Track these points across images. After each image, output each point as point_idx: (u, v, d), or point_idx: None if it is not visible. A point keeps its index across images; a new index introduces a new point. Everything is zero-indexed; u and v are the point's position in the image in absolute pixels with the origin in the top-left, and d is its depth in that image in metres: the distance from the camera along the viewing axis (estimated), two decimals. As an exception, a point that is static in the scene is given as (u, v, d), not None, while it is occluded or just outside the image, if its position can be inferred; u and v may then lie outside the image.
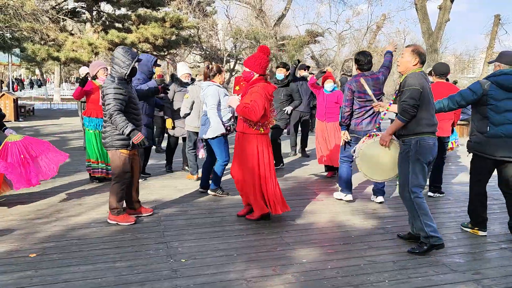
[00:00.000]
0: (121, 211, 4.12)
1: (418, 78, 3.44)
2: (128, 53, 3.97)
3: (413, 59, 3.53)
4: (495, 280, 3.11)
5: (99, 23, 18.70)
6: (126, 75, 3.98)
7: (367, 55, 4.86)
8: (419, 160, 3.48)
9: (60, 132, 11.40)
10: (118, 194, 4.06)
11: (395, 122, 3.55)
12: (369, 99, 4.71)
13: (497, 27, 23.79)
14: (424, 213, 3.49)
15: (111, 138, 4.00)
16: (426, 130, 3.47)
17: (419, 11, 18.52)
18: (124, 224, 4.07)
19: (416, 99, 3.39)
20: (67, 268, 3.16)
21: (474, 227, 4.13)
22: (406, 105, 3.40)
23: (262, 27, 24.25)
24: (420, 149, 3.46)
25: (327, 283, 3.01)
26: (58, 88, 27.13)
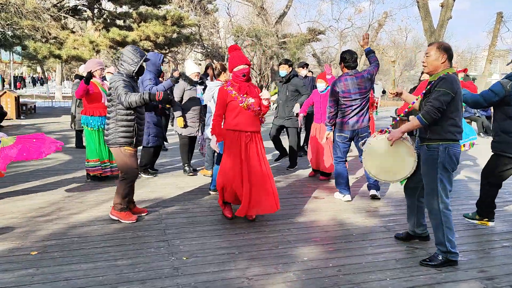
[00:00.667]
0: (125, 208, 4.11)
1: (453, 82, 3.16)
2: (137, 51, 4.04)
3: (440, 56, 3.24)
4: (498, 278, 3.10)
5: (100, 20, 18.67)
6: (134, 72, 4.04)
7: (353, 53, 4.90)
8: (447, 169, 3.25)
9: (61, 130, 11.40)
10: (124, 191, 4.07)
11: (412, 122, 3.29)
12: (354, 98, 4.78)
13: (499, 24, 23.70)
14: (449, 227, 3.27)
15: (114, 135, 4.00)
16: (455, 138, 3.23)
17: (421, 8, 18.47)
18: (125, 221, 4.08)
19: (443, 103, 3.12)
20: (68, 266, 3.16)
21: (483, 218, 4.19)
22: (431, 107, 3.14)
23: (264, 25, 24.20)
24: (449, 157, 3.23)
25: (328, 281, 3.00)
26: (59, 86, 27.13)
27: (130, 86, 4.00)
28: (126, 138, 4.01)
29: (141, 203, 4.71)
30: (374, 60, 4.92)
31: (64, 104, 21.13)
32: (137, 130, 4.08)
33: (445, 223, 3.26)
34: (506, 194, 5.55)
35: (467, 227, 4.24)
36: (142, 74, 4.24)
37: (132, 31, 17.57)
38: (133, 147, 4.08)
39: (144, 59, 4.07)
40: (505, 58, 33.23)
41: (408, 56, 38.75)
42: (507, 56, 29.12)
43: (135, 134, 4.06)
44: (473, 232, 4.09)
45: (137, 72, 4.08)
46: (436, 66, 3.27)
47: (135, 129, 4.05)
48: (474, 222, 4.28)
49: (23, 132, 10.36)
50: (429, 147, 3.27)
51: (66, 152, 8.00)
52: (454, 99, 3.16)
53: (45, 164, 6.80)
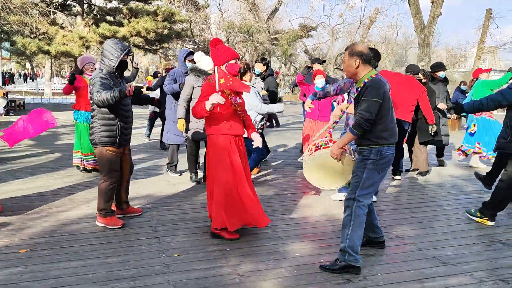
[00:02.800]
0: (109, 212, 3.89)
1: (379, 87, 3.01)
2: (117, 45, 3.77)
3: (353, 60, 3.07)
4: (487, 272, 3.14)
5: (90, 16, 18.50)
6: (114, 67, 3.77)
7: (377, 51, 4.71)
8: (377, 169, 3.11)
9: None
10: (106, 194, 3.85)
11: (347, 135, 3.15)
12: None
13: (488, 21, 23.89)
14: (358, 227, 3.09)
15: (97, 135, 3.79)
16: (387, 142, 3.09)
17: (412, 5, 18.56)
18: (111, 227, 3.85)
19: (373, 113, 2.98)
20: (58, 264, 3.13)
21: (484, 217, 4.22)
22: (361, 119, 3.00)
23: (255, 21, 24.15)
24: (381, 159, 3.09)
25: (320, 277, 3.01)
26: (49, 82, 26.86)
27: (108, 84, 3.70)
28: (109, 137, 3.78)
29: (132, 200, 4.68)
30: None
31: (54, 101, 20.91)
32: (121, 129, 3.83)
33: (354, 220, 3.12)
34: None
35: (456, 222, 4.29)
36: (125, 70, 3.94)
37: (123, 26, 17.45)
38: (116, 147, 3.84)
39: (126, 53, 3.80)
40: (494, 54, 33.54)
41: (399, 53, 38.94)
42: (496, 52, 29.41)
43: (119, 134, 3.82)
44: (462, 227, 4.14)
45: (118, 67, 3.80)
46: (353, 72, 3.11)
47: (118, 128, 3.81)
48: (474, 218, 4.30)
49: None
50: (361, 152, 3.16)
51: (55, 149, 7.92)
52: (382, 105, 3.01)
53: (34, 161, 6.73)
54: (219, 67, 3.67)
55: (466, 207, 4.77)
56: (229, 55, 3.64)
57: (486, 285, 2.95)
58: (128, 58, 3.94)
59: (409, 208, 4.73)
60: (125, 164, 4.09)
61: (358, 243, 3.08)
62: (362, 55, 3.06)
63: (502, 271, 3.17)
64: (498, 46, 27.91)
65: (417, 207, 4.78)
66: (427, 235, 3.90)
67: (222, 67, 3.66)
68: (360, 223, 3.09)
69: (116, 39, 3.90)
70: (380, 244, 3.53)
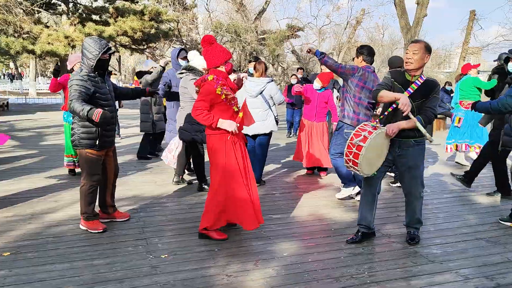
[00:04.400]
0: (91, 216, 3.78)
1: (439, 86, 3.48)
2: (96, 43, 3.60)
3: (426, 58, 3.38)
4: (471, 270, 3.18)
5: (76, 15, 18.24)
6: (92, 67, 3.61)
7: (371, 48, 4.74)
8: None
9: (36, 127, 11.12)
10: (86, 198, 3.75)
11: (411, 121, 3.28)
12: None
13: (472, 22, 24.26)
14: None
15: (77, 136, 3.68)
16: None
17: (398, 6, 18.76)
18: (92, 231, 3.75)
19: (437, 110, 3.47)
20: (43, 266, 3.08)
21: None
22: (432, 114, 3.37)
23: (243, 21, 24.14)
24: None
25: (307, 276, 3.03)
26: (33, 82, 26.45)
27: (85, 89, 3.53)
28: (88, 140, 3.66)
29: (118, 201, 4.63)
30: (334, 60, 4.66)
31: (39, 101, 20.61)
32: (101, 131, 3.69)
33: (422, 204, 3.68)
34: (479, 187, 5.71)
35: (442, 220, 4.34)
36: (106, 69, 3.75)
37: (109, 26, 17.24)
38: (96, 149, 3.71)
39: (104, 51, 3.61)
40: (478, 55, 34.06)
41: (385, 53, 39.30)
42: (479, 53, 29.88)
43: (99, 136, 3.68)
44: (447, 225, 4.19)
45: (97, 67, 3.63)
46: (420, 66, 3.36)
47: (98, 130, 3.66)
48: (508, 224, 4.18)
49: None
50: (418, 142, 3.49)
51: (41, 150, 7.81)
52: None
53: (19, 163, 6.62)
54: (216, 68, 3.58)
55: (452, 206, 4.85)
56: (223, 56, 3.55)
57: (471, 282, 2.99)
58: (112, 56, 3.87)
59: (395, 207, 4.78)
60: (109, 167, 3.96)
61: None
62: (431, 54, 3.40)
63: (486, 268, 3.22)
64: (482, 47, 28.37)
65: (403, 206, 4.80)
66: (413, 233, 3.94)
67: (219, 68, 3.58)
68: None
69: (95, 37, 3.73)
70: (372, 234, 3.79)
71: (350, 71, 4.50)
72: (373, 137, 3.29)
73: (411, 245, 3.61)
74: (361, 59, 4.63)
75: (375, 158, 3.44)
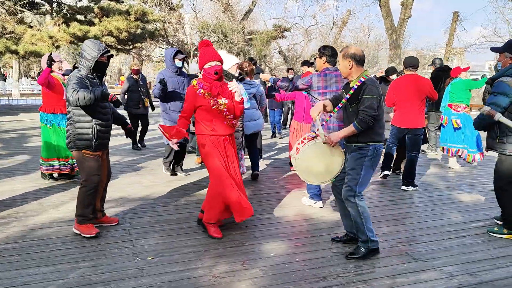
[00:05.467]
0: (86, 219, 3.70)
1: (376, 85, 3.27)
2: (95, 45, 3.62)
3: (347, 63, 3.32)
4: (455, 267, 3.23)
5: (60, 15, 18.02)
6: (91, 68, 3.62)
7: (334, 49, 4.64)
8: (371, 166, 3.36)
9: (19, 128, 10.93)
10: (84, 200, 3.68)
11: (349, 128, 3.29)
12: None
13: (455, 23, 24.65)
14: (367, 217, 3.38)
15: (73, 138, 3.64)
16: (380, 139, 3.37)
17: (383, 7, 18.97)
18: (85, 235, 3.65)
19: (376, 109, 3.22)
20: (27, 270, 3.03)
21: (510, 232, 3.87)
22: (367, 115, 3.19)
23: (230, 21, 24.11)
24: (376, 156, 3.35)
25: (295, 276, 3.04)
26: (16, 83, 26.00)
27: (85, 85, 3.55)
28: (85, 140, 3.62)
29: (105, 203, 4.58)
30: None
31: (22, 102, 20.27)
32: (97, 132, 3.65)
33: (363, 213, 3.36)
34: (463, 186, 5.80)
35: (427, 218, 4.40)
36: (103, 71, 3.77)
37: (94, 26, 17.06)
38: (92, 150, 3.67)
39: (103, 54, 3.63)
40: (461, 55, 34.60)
41: (371, 54, 39.66)
42: (463, 53, 30.36)
43: (95, 137, 3.64)
44: (432, 224, 4.25)
45: (95, 69, 3.65)
46: (347, 73, 3.35)
47: (94, 131, 3.63)
48: (502, 236, 3.89)
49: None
50: (359, 147, 3.33)
51: (24, 151, 7.68)
52: (380, 102, 3.28)
53: (2, 165, 6.50)
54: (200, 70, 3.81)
55: (436, 204, 4.91)
56: (207, 58, 3.72)
57: (455, 279, 3.04)
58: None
59: (382, 206, 4.83)
60: (102, 170, 3.88)
61: (373, 229, 3.45)
62: (355, 57, 3.31)
63: (470, 265, 3.28)
64: (465, 47, 28.85)
65: (389, 205, 4.88)
66: (399, 232, 3.99)
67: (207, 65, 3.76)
68: (368, 213, 3.41)
69: (95, 40, 3.75)
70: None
71: (306, 85, 4.44)
72: (305, 149, 3.43)
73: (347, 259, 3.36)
74: (324, 60, 4.50)
75: (320, 166, 3.46)
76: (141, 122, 8.32)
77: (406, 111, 5.53)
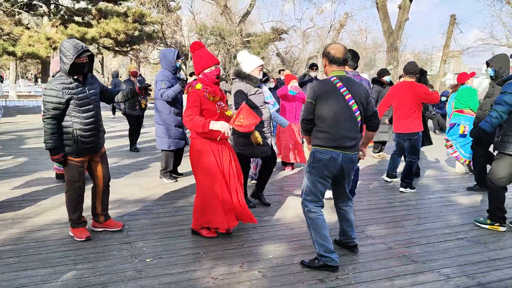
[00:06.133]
0: (76, 224, 3.66)
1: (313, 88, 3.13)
2: (71, 46, 3.35)
3: (323, 61, 3.23)
4: (453, 269, 3.25)
5: (58, 17, 18.00)
6: (67, 71, 3.38)
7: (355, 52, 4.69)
8: (312, 172, 3.17)
9: (16, 130, 10.90)
10: (69, 205, 3.64)
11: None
12: None
13: (452, 26, 24.79)
14: (316, 229, 3.16)
15: None
16: (321, 144, 3.12)
17: (380, 10, 19.04)
18: (77, 239, 3.63)
19: (308, 112, 3.13)
20: (25, 272, 3.03)
21: (494, 223, 4.17)
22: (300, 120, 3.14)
23: (227, 24, 24.11)
24: (315, 162, 3.15)
25: (293, 278, 3.04)
26: (13, 84, 25.94)
27: (54, 102, 3.38)
28: (66, 146, 3.50)
29: (103, 205, 4.58)
30: None
31: (19, 104, 20.22)
32: (77, 137, 3.48)
33: (311, 224, 3.19)
34: (460, 188, 5.83)
35: (424, 221, 4.41)
36: (85, 73, 3.52)
37: (92, 27, 17.06)
38: (74, 156, 3.53)
39: (79, 54, 3.35)
40: (458, 58, 34.75)
41: (368, 56, 39.80)
42: (460, 56, 30.50)
43: (76, 142, 3.48)
44: (430, 226, 4.27)
45: (72, 72, 3.40)
46: (324, 71, 3.27)
47: (75, 136, 3.47)
48: (485, 227, 4.21)
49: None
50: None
51: (22, 153, 7.66)
52: (317, 106, 3.09)
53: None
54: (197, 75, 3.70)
55: (434, 206, 4.93)
56: (206, 62, 3.64)
57: (452, 281, 3.05)
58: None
59: (379, 208, 4.84)
60: (97, 174, 3.76)
61: (327, 243, 3.13)
62: (329, 55, 3.15)
63: (467, 267, 3.29)
64: (462, 50, 29.00)
65: (387, 207, 4.89)
66: (397, 234, 4.00)
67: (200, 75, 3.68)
68: (317, 225, 3.16)
69: (73, 40, 3.46)
70: (350, 248, 3.52)
71: None
72: None
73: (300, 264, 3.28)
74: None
75: None
76: (137, 123, 8.32)
77: (402, 117, 5.58)
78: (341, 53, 3.14)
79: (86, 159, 3.65)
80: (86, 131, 3.52)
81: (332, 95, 3.08)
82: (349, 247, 3.52)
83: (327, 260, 3.13)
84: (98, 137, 3.66)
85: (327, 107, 3.07)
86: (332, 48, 3.17)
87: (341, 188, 3.31)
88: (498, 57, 5.13)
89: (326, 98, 3.08)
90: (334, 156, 3.09)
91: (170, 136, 5.59)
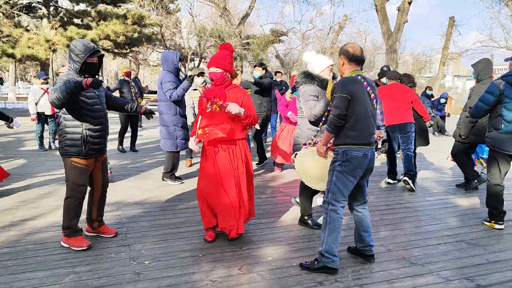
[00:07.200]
0: (74, 232, 3.50)
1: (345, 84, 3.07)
2: (82, 46, 3.38)
3: (340, 60, 3.20)
4: (452, 272, 3.24)
5: (57, 19, 17.99)
6: (77, 70, 3.40)
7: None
8: (343, 171, 3.11)
9: (15, 132, 10.88)
10: (69, 211, 3.47)
11: (325, 133, 3.23)
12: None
13: (451, 28, 24.83)
14: (333, 231, 3.12)
15: (63, 144, 3.44)
16: (353, 142, 3.08)
17: (379, 12, 19.06)
18: (75, 249, 3.46)
19: (342, 108, 3.04)
20: (23, 274, 3.01)
21: (491, 220, 4.33)
22: (331, 115, 3.08)
23: (227, 26, 24.14)
24: (347, 161, 3.09)
25: (292, 281, 3.03)
26: (13, 86, 25.94)
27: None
28: (74, 147, 3.40)
29: (101, 207, 4.57)
30: None
31: (18, 106, 20.20)
32: (87, 138, 3.43)
33: (328, 223, 3.14)
34: (459, 190, 5.82)
35: (424, 223, 4.41)
36: (94, 72, 3.52)
37: (91, 30, 17.05)
38: (81, 158, 3.45)
39: (91, 54, 3.39)
40: (457, 60, 34.77)
41: (367, 58, 39.84)
42: (459, 58, 30.53)
43: (85, 143, 3.43)
44: (429, 228, 4.26)
45: (83, 71, 3.42)
46: (340, 70, 3.26)
47: (84, 136, 3.41)
48: (485, 223, 4.38)
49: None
50: (335, 151, 3.22)
51: (21, 155, 7.65)
52: (352, 102, 3.05)
53: (-3, 169, 6.46)
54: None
55: (433, 209, 4.93)
56: (210, 63, 3.72)
57: (452, 283, 3.04)
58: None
59: (379, 210, 4.84)
60: (96, 178, 3.68)
61: (334, 246, 3.13)
62: (347, 53, 3.16)
63: (467, 270, 3.28)
64: (461, 52, 29.02)
65: (386, 209, 4.89)
66: (396, 236, 4.00)
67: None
68: (334, 227, 3.13)
69: (83, 40, 3.49)
70: (366, 258, 3.38)
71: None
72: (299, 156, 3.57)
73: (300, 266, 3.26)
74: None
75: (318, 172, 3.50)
76: (131, 124, 8.33)
77: (393, 110, 5.80)
78: (360, 52, 3.18)
79: (91, 163, 3.57)
80: (95, 131, 3.49)
81: (363, 92, 3.12)
82: (366, 256, 3.38)
83: (327, 261, 3.12)
84: (105, 138, 3.65)
85: (360, 105, 3.08)
86: (350, 47, 3.20)
87: (360, 189, 3.31)
88: (480, 61, 5.38)
89: (358, 96, 3.08)
90: (366, 153, 3.13)
91: (176, 137, 5.60)
